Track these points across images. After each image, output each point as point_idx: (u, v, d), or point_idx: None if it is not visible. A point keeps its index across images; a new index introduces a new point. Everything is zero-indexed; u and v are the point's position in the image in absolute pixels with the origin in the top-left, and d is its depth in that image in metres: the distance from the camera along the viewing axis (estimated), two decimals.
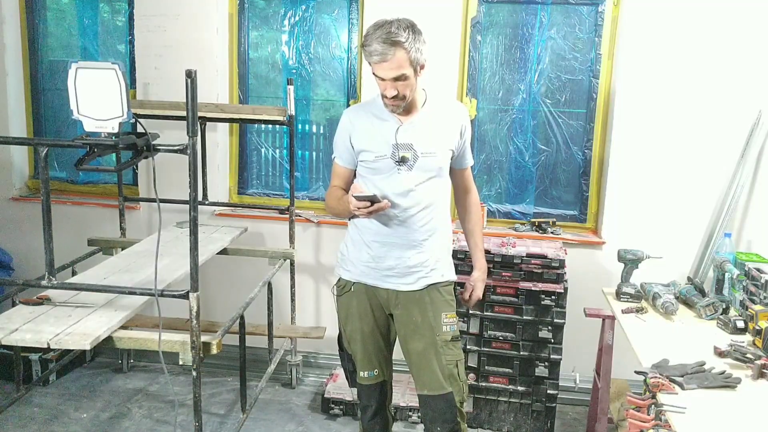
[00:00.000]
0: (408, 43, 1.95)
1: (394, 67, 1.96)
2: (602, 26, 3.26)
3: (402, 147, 2.09)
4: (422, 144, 2.10)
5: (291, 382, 3.52)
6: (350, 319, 2.24)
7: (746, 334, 2.26)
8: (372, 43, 1.95)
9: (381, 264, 2.16)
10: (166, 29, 3.43)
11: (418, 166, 2.10)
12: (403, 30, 1.95)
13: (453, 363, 2.15)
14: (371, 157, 2.11)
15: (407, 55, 1.95)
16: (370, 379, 2.25)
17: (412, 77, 2.00)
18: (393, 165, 2.09)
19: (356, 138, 2.15)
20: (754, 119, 3.05)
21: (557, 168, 3.45)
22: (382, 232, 2.14)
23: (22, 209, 3.75)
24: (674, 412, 1.73)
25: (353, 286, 2.23)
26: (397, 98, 2.03)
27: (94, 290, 2.26)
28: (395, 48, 1.93)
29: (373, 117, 2.14)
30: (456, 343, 2.18)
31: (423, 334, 2.15)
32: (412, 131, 2.11)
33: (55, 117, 3.85)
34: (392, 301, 2.19)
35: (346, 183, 2.23)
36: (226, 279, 3.59)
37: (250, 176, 3.75)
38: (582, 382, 3.28)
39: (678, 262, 3.09)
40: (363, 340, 2.23)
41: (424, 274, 2.16)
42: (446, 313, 2.17)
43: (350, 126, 2.17)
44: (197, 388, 2.14)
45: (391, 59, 1.94)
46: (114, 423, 3.08)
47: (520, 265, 2.98)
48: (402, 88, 2.00)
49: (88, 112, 1.87)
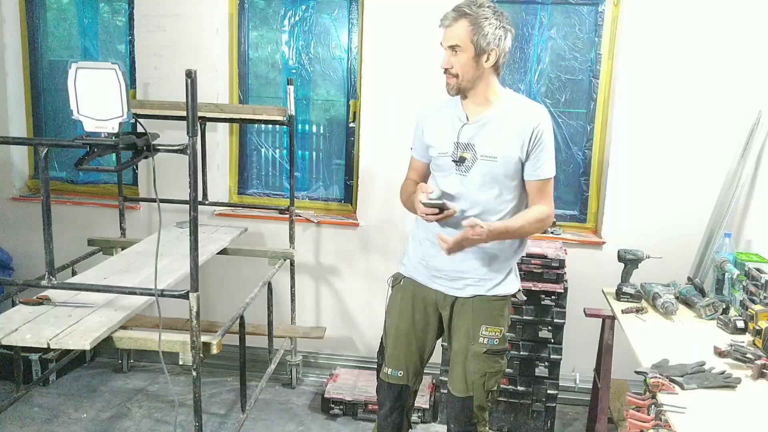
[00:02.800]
0: (474, 18, 1.92)
1: (452, 35, 1.94)
2: (602, 26, 3.26)
3: (462, 146, 2.02)
4: (484, 146, 2.00)
5: (291, 382, 3.52)
6: (390, 313, 2.24)
7: (746, 334, 2.25)
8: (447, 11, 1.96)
9: (430, 263, 2.13)
10: (166, 29, 3.43)
11: (476, 169, 2.01)
12: (478, 7, 1.93)
13: (480, 374, 2.08)
14: (435, 152, 2.09)
15: (469, 28, 1.92)
16: (392, 378, 2.20)
17: (467, 55, 1.94)
18: (451, 164, 2.04)
19: (427, 132, 2.13)
20: (754, 119, 3.05)
21: (557, 168, 3.42)
22: (434, 231, 2.06)
23: (22, 209, 3.75)
24: (674, 412, 1.73)
25: (403, 281, 2.22)
26: (450, 74, 1.98)
27: (94, 290, 2.26)
28: (459, 17, 1.93)
29: (446, 113, 2.09)
30: (492, 356, 2.08)
31: (459, 339, 2.12)
32: (476, 131, 2.02)
33: (55, 117, 3.85)
34: (441, 303, 2.16)
35: (421, 176, 2.22)
36: (226, 279, 3.59)
37: (250, 176, 3.75)
38: (582, 382, 3.29)
39: (678, 262, 3.08)
40: (395, 337, 2.20)
41: (472, 282, 2.09)
42: (487, 326, 2.08)
43: (423, 119, 2.16)
44: (197, 388, 2.14)
45: (450, 26, 1.94)
46: (114, 423, 3.08)
47: (520, 265, 2.97)
48: (456, 63, 1.95)
49: (88, 112, 1.87)
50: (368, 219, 3.49)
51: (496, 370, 2.11)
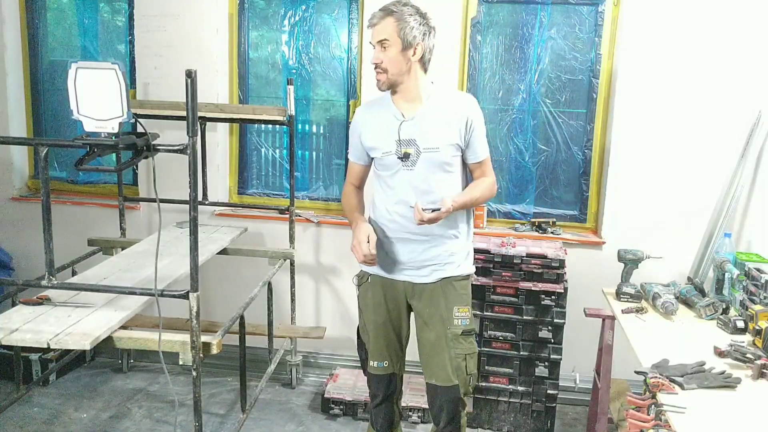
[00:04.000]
0: (399, 14, 2.04)
1: (380, 31, 2.06)
2: (602, 26, 3.26)
3: (404, 143, 2.13)
4: (424, 139, 2.12)
5: (291, 382, 3.52)
6: (365, 309, 2.34)
7: (746, 334, 2.25)
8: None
9: (395, 258, 2.24)
10: (166, 29, 3.43)
11: (421, 162, 2.13)
12: (403, 5, 2.06)
13: (462, 356, 2.20)
14: (379, 153, 2.19)
15: (396, 24, 2.03)
16: (379, 369, 2.31)
17: (395, 49, 2.05)
18: (397, 161, 2.14)
19: (365, 135, 2.23)
20: (754, 119, 3.05)
21: (557, 168, 3.45)
22: (394, 228, 2.21)
23: (22, 209, 3.75)
24: (674, 412, 1.73)
25: (370, 278, 2.32)
26: (380, 69, 2.09)
27: (94, 290, 2.26)
28: (386, 15, 2.05)
29: (380, 113, 2.20)
30: (467, 337, 2.22)
31: (435, 326, 2.21)
32: (414, 126, 2.14)
33: (55, 117, 3.85)
34: (409, 292, 2.26)
35: (359, 180, 2.35)
36: (226, 279, 3.59)
37: (250, 176, 3.75)
38: (582, 382, 3.29)
39: (678, 262, 3.09)
40: (375, 331, 2.30)
41: (437, 267, 2.21)
42: (458, 307, 2.21)
43: (360, 124, 2.25)
44: (197, 388, 2.14)
45: (378, 24, 2.06)
46: (114, 423, 3.08)
47: (520, 265, 2.98)
48: (385, 58, 2.06)
49: (88, 112, 1.87)
50: None
51: (473, 351, 2.24)
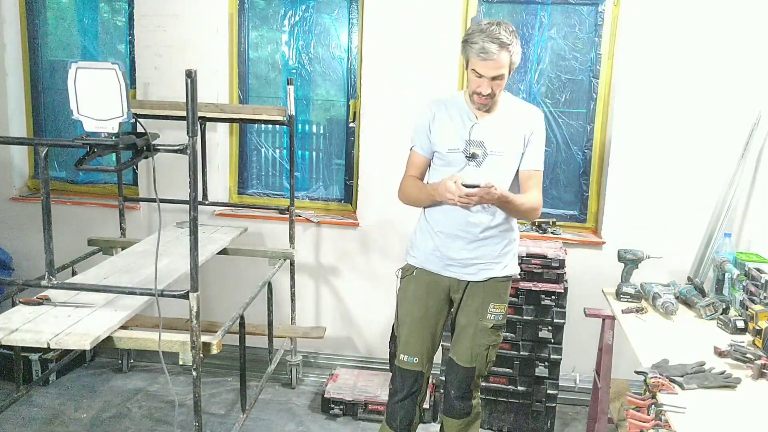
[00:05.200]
0: (512, 46, 2.09)
1: (497, 66, 2.08)
2: (602, 26, 3.26)
3: (474, 143, 2.21)
4: (493, 142, 2.21)
5: (291, 382, 3.52)
6: (404, 302, 2.37)
7: (746, 334, 2.26)
8: (479, 41, 2.06)
9: (444, 254, 2.28)
10: (166, 29, 3.43)
11: (486, 164, 2.21)
12: (509, 34, 2.08)
13: (485, 347, 2.31)
14: (444, 149, 2.24)
15: (510, 57, 2.10)
16: (408, 364, 2.34)
17: (506, 78, 2.14)
18: (463, 159, 2.21)
19: (435, 129, 2.27)
20: (754, 119, 3.05)
21: (557, 168, 3.45)
22: (448, 224, 2.26)
23: (22, 209, 3.75)
24: (674, 412, 1.73)
25: (416, 272, 2.35)
26: (489, 96, 2.15)
27: (94, 290, 2.26)
28: (502, 50, 2.06)
29: (452, 111, 2.26)
30: (496, 330, 2.33)
31: (468, 315, 2.32)
32: (485, 129, 2.22)
33: (55, 117, 3.85)
34: (453, 288, 2.33)
35: (421, 173, 2.36)
36: (226, 279, 3.59)
37: (250, 176, 3.75)
38: (582, 382, 3.29)
39: (678, 262, 3.09)
40: (411, 325, 2.34)
41: (484, 267, 2.28)
42: (494, 304, 2.30)
43: (431, 116, 2.28)
44: (197, 388, 2.14)
45: (496, 59, 2.06)
46: (114, 423, 3.08)
47: (520, 265, 2.97)
48: (496, 87, 2.13)
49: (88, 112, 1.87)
50: (368, 219, 3.49)
51: (497, 343, 2.36)
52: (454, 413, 2.38)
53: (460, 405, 2.36)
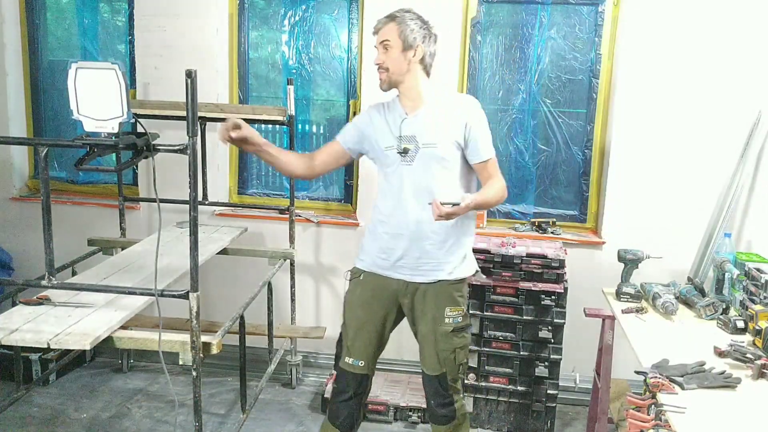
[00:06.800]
0: (401, 18, 2.16)
1: (382, 34, 2.18)
2: (602, 26, 3.26)
3: (405, 139, 2.21)
4: (424, 135, 2.20)
5: (291, 382, 3.52)
6: (350, 306, 2.36)
7: (746, 334, 2.25)
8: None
9: (391, 255, 2.27)
10: (166, 29, 3.43)
11: (420, 158, 2.19)
12: (405, 12, 2.18)
13: (450, 350, 2.27)
14: (382, 147, 2.25)
15: (397, 27, 2.15)
16: (353, 367, 2.33)
17: (396, 50, 2.16)
18: (398, 157, 2.21)
19: (372, 131, 2.30)
20: (754, 119, 3.05)
21: (557, 168, 3.45)
22: (393, 224, 2.25)
23: (22, 209, 3.75)
24: (674, 412, 1.73)
25: (363, 275, 2.34)
26: (381, 68, 2.19)
27: (94, 290, 2.26)
28: (389, 21, 2.18)
29: (388, 112, 2.29)
30: (458, 333, 2.28)
31: (426, 323, 2.28)
32: (415, 123, 2.22)
33: (55, 117, 3.85)
34: (402, 291, 2.29)
35: (325, 155, 2.36)
36: (226, 279, 3.59)
37: (250, 176, 3.75)
38: (582, 382, 3.28)
39: (678, 262, 3.09)
40: (357, 328, 2.33)
41: (433, 267, 2.24)
42: (450, 307, 2.26)
43: (368, 119, 2.33)
44: (197, 388, 2.14)
45: (381, 28, 2.18)
46: (114, 423, 3.08)
47: (520, 265, 2.98)
48: (387, 58, 2.17)
49: (88, 112, 1.87)
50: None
51: (463, 345, 2.31)
52: (439, 420, 2.35)
53: (442, 411, 2.33)
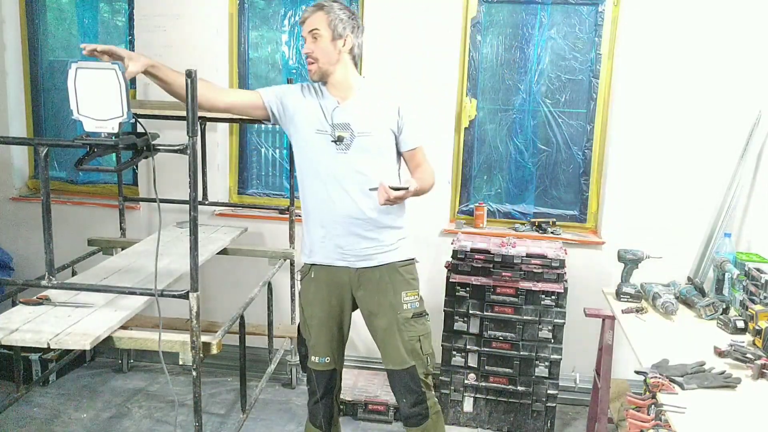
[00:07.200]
0: (329, 8, 2.16)
1: (311, 23, 2.16)
2: (602, 26, 3.26)
3: (339, 126, 2.19)
4: (359, 124, 2.19)
5: (291, 382, 3.52)
6: (307, 305, 2.33)
7: (746, 334, 2.26)
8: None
9: (333, 242, 2.23)
10: (166, 29, 3.43)
11: (355, 146, 2.18)
12: (334, 2, 2.18)
13: (415, 338, 2.24)
14: (313, 129, 2.19)
15: (325, 16, 2.15)
16: (320, 365, 2.32)
17: (326, 39, 2.15)
18: (333, 145, 2.18)
19: (300, 108, 2.23)
20: (754, 119, 3.05)
21: (557, 168, 3.45)
22: (326, 212, 2.21)
23: (22, 209, 3.75)
24: (674, 412, 1.73)
25: (312, 271, 2.30)
26: (311, 58, 2.17)
27: (94, 290, 2.26)
28: (317, 10, 2.17)
29: (315, 96, 2.25)
30: (419, 319, 2.26)
31: (385, 313, 2.25)
32: (349, 111, 2.20)
33: (55, 117, 3.85)
34: (354, 283, 2.27)
35: (238, 98, 2.26)
36: (226, 279, 3.59)
37: (250, 176, 3.75)
38: (582, 382, 3.28)
39: (678, 262, 3.08)
40: (318, 326, 2.31)
41: (380, 251, 2.23)
42: (406, 291, 2.25)
43: (300, 93, 2.26)
44: (197, 388, 2.14)
45: (309, 17, 2.17)
46: (114, 423, 3.08)
47: (520, 265, 2.98)
48: (316, 48, 2.15)
49: (88, 112, 1.87)
50: None
51: (426, 332, 2.27)
52: (411, 422, 2.28)
53: (414, 410, 2.26)
